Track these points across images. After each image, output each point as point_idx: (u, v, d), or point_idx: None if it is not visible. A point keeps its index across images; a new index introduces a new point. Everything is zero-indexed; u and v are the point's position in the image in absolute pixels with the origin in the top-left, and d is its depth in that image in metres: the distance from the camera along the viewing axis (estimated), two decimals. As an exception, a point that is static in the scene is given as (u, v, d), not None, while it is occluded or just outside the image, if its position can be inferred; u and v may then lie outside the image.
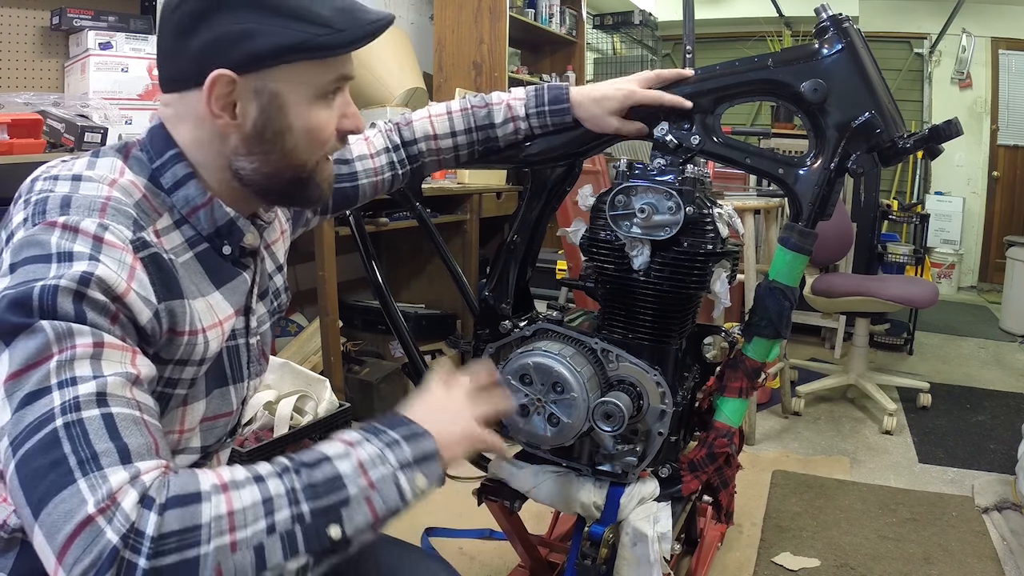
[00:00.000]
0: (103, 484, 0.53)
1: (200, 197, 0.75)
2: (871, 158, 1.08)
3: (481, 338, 1.27)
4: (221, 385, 0.81)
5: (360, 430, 0.70)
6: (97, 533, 0.51)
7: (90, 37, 2.15)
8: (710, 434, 1.21)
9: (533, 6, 3.95)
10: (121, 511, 0.52)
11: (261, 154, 0.74)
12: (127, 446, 0.55)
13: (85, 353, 0.58)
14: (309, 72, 0.73)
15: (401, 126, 1.15)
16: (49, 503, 0.52)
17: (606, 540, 1.12)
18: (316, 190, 0.80)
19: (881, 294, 2.79)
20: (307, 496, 0.60)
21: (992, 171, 5.97)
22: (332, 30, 0.71)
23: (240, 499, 0.57)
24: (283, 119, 0.73)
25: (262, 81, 0.71)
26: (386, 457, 0.66)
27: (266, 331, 0.92)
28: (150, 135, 0.76)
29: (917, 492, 2.30)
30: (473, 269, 3.01)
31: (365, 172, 1.10)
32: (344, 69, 0.76)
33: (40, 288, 0.58)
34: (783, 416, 2.95)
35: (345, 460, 0.64)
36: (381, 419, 0.73)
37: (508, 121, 1.15)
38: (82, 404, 0.55)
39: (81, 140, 1.82)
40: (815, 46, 1.09)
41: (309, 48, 0.71)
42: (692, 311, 1.21)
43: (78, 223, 0.63)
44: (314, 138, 0.76)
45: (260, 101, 0.72)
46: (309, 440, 1.88)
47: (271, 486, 0.59)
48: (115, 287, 0.61)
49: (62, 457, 0.53)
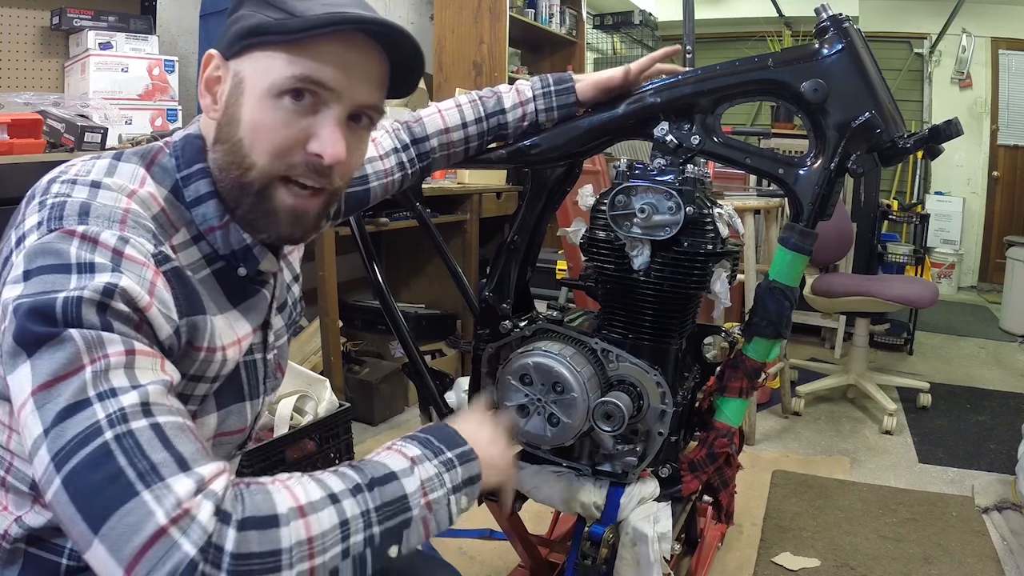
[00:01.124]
0: (169, 494, 0.52)
1: (217, 219, 0.73)
2: (871, 158, 1.08)
3: (481, 338, 1.27)
4: (238, 401, 0.79)
5: (418, 444, 0.70)
6: (171, 545, 0.50)
7: (90, 37, 2.15)
8: (710, 434, 1.21)
9: (533, 6, 3.95)
10: (198, 523, 0.51)
11: (221, 143, 0.72)
12: (182, 454, 0.54)
13: (119, 362, 0.56)
14: (268, 61, 0.69)
15: (410, 124, 1.14)
16: (112, 516, 0.51)
17: (606, 540, 1.12)
18: (271, 219, 0.72)
19: (881, 294, 2.78)
20: (379, 518, 0.61)
21: (992, 171, 5.97)
22: (288, 16, 0.68)
23: (319, 523, 0.57)
24: (239, 107, 0.70)
25: (238, 65, 0.71)
26: (443, 479, 0.68)
27: (283, 344, 0.91)
28: (184, 142, 0.74)
29: (917, 492, 2.30)
30: (473, 269, 3.01)
31: (376, 174, 1.09)
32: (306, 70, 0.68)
33: (64, 299, 0.56)
34: (783, 416, 2.95)
35: (410, 478, 0.65)
36: (435, 431, 0.73)
37: (517, 106, 1.16)
38: (129, 415, 0.54)
39: (81, 140, 1.82)
40: (815, 46, 1.09)
41: (262, 32, 0.69)
42: (692, 311, 1.21)
43: (98, 235, 0.61)
44: (258, 137, 0.69)
45: (232, 84, 0.71)
46: (310, 440, 1.89)
47: (347, 507, 0.59)
48: (138, 300, 0.60)
49: (119, 470, 0.52)
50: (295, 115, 0.69)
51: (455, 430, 0.74)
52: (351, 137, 0.73)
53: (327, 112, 0.70)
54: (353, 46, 0.71)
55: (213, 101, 0.73)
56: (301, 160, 0.71)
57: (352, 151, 0.74)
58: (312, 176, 0.72)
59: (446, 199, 2.99)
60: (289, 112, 0.69)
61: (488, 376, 1.26)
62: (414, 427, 2.54)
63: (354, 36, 0.70)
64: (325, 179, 0.73)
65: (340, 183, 0.75)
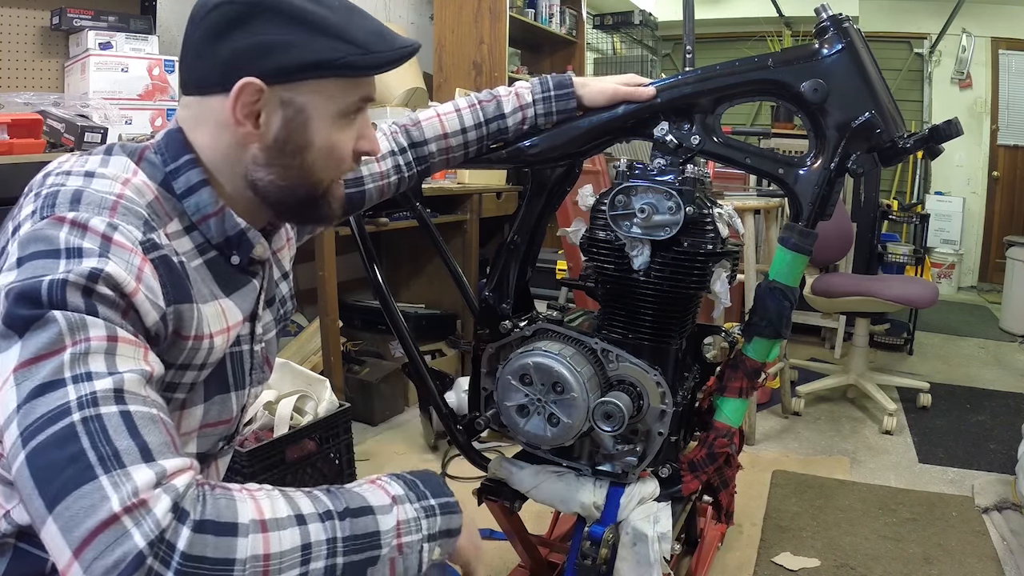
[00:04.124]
0: (127, 482, 0.52)
1: (212, 205, 0.74)
2: (871, 158, 1.08)
3: (481, 338, 1.27)
4: (222, 391, 0.80)
5: (403, 484, 0.70)
6: (122, 533, 0.50)
7: (90, 37, 2.15)
8: (710, 434, 1.21)
9: (533, 6, 3.95)
10: (152, 516, 0.51)
11: (279, 167, 0.74)
12: (147, 444, 0.54)
13: (100, 347, 0.57)
14: (336, 90, 0.73)
15: (408, 127, 1.13)
16: (67, 497, 0.51)
17: (606, 540, 1.12)
18: (327, 209, 0.81)
19: (881, 294, 2.78)
20: (345, 550, 0.59)
21: (992, 171, 5.97)
22: (364, 51, 0.72)
23: (279, 542, 0.56)
24: (305, 134, 0.74)
25: (290, 93, 0.72)
26: (420, 525, 0.67)
27: (271, 339, 0.91)
28: (166, 138, 0.75)
29: (917, 492, 2.30)
30: (473, 269, 3.01)
31: (371, 177, 1.09)
32: (368, 91, 0.77)
33: (49, 282, 0.57)
34: (783, 416, 2.95)
35: (388, 516, 0.64)
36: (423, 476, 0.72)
37: (517, 110, 1.16)
38: (100, 400, 0.55)
39: (81, 140, 1.82)
40: (815, 46, 1.09)
41: (340, 66, 0.72)
42: (692, 311, 1.21)
43: (87, 220, 0.62)
44: (332, 156, 0.76)
45: (285, 113, 0.72)
46: (310, 440, 1.89)
47: (312, 531, 0.58)
48: (124, 285, 0.60)
49: (80, 452, 0.52)
50: (354, 127, 0.79)
51: (442, 481, 0.73)
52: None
53: (363, 115, 0.80)
54: None
55: (255, 127, 0.73)
56: (351, 160, 0.80)
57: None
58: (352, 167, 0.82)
59: (446, 199, 2.99)
60: (352, 127, 0.78)
61: (488, 376, 1.26)
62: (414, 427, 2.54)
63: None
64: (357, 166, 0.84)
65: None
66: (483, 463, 1.34)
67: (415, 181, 1.17)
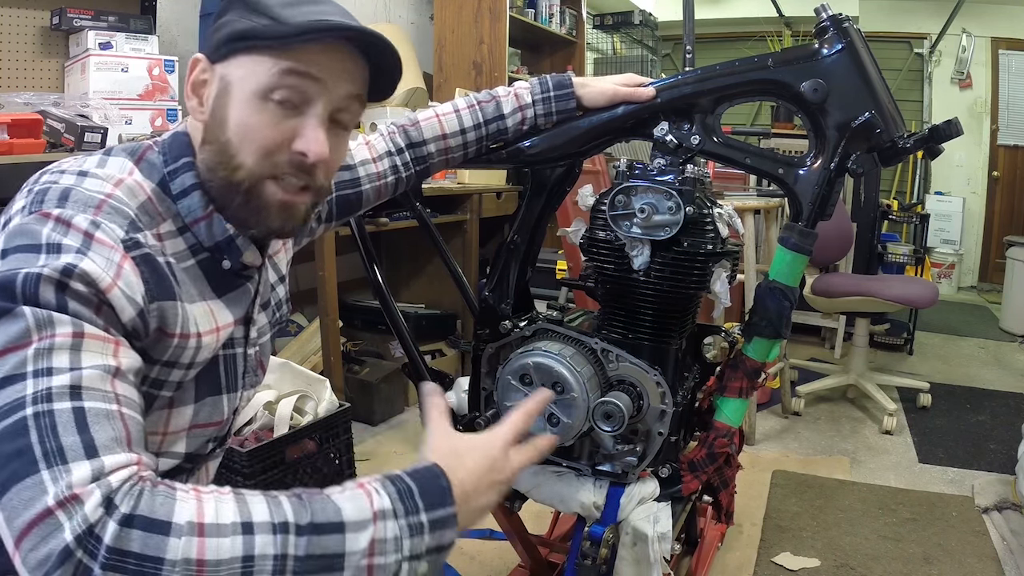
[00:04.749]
0: (65, 477, 0.52)
1: (201, 209, 0.75)
2: (871, 158, 1.08)
3: (481, 338, 1.27)
4: (214, 393, 0.80)
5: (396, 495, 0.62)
6: (55, 527, 0.51)
7: (90, 37, 2.15)
8: (710, 434, 1.21)
9: (533, 6, 3.95)
10: (82, 511, 0.51)
11: (209, 144, 0.74)
12: (93, 440, 0.55)
13: (64, 343, 0.58)
14: (253, 64, 0.72)
15: (407, 128, 1.13)
16: (11, 488, 0.52)
17: (606, 540, 1.12)
18: (261, 214, 0.74)
19: (881, 294, 2.78)
20: (296, 568, 0.55)
21: (992, 171, 5.97)
22: (275, 22, 0.71)
23: (217, 550, 0.53)
24: (226, 108, 0.73)
25: (224, 69, 0.74)
26: (401, 545, 0.60)
27: (265, 342, 0.91)
28: (172, 139, 0.77)
29: (917, 492, 2.30)
30: (473, 269, 3.01)
31: (368, 177, 1.08)
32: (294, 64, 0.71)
33: (24, 275, 0.58)
34: (783, 416, 2.95)
35: (361, 535, 0.58)
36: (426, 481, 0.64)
37: (516, 111, 1.15)
38: (54, 395, 0.55)
39: (81, 140, 1.82)
40: (815, 46, 1.09)
41: (250, 36, 0.71)
42: (692, 311, 1.21)
43: (71, 217, 0.63)
44: (246, 138, 0.72)
45: (219, 88, 0.74)
46: (310, 440, 1.89)
47: (258, 543, 0.54)
48: (98, 281, 0.61)
49: (28, 446, 0.53)
50: (281, 116, 0.72)
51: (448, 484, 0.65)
52: (333, 138, 0.76)
53: (311, 112, 0.73)
54: (335, 50, 0.74)
55: (199, 104, 0.75)
56: (287, 159, 0.73)
57: (333, 151, 0.77)
58: (297, 174, 0.75)
59: (446, 199, 2.99)
60: (275, 113, 0.72)
61: (488, 376, 1.26)
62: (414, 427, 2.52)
63: (336, 42, 0.74)
64: (309, 176, 0.75)
65: (324, 181, 0.78)
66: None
67: (414, 182, 1.17)
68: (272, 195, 0.74)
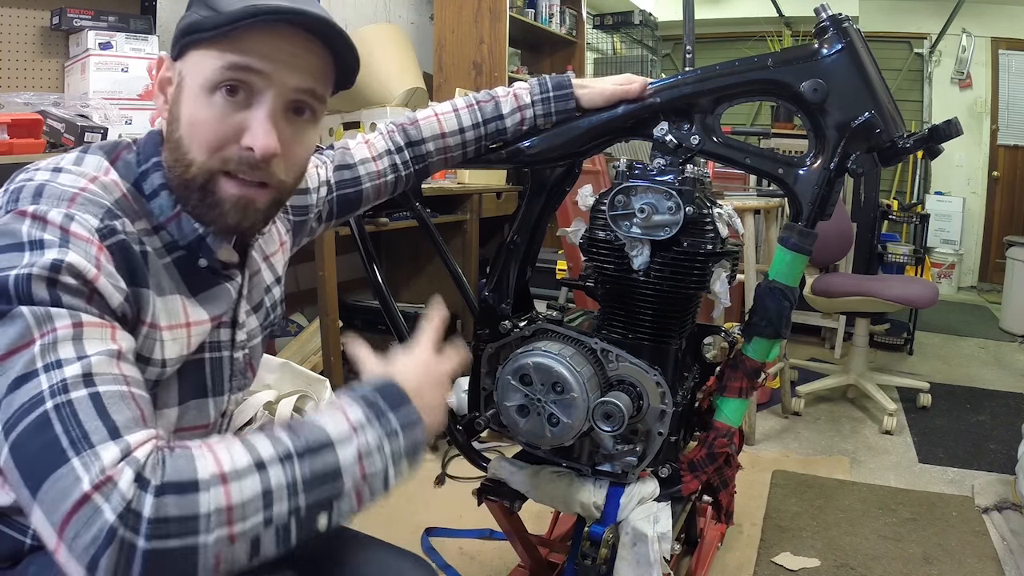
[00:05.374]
0: (96, 461, 0.54)
1: (170, 209, 0.75)
2: (871, 158, 1.08)
3: (481, 338, 1.27)
4: (199, 396, 0.80)
5: (364, 405, 0.67)
6: (95, 510, 0.52)
7: (90, 37, 2.15)
8: (710, 434, 1.21)
9: (533, 6, 3.95)
10: (118, 490, 0.53)
11: (168, 141, 0.74)
12: (115, 422, 0.56)
13: (66, 335, 0.59)
14: (200, 58, 0.72)
15: (406, 127, 1.13)
16: (46, 482, 0.53)
17: (606, 540, 1.12)
18: (216, 210, 0.73)
19: (881, 294, 2.78)
20: (306, 488, 0.60)
21: (992, 171, 5.97)
22: (213, 12, 0.70)
23: (240, 491, 0.57)
24: (179, 104, 0.73)
25: (181, 65, 0.74)
26: (383, 449, 0.66)
27: (255, 345, 0.91)
28: (146, 138, 0.77)
29: (917, 492, 2.30)
30: (473, 269, 3.01)
31: (368, 175, 1.09)
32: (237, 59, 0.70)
33: (15, 276, 0.59)
34: (783, 416, 2.95)
35: (348, 447, 0.63)
36: (382, 389, 0.69)
37: (515, 111, 1.16)
38: (70, 385, 0.57)
39: (81, 140, 1.82)
40: (815, 46, 1.09)
41: (193, 30, 0.71)
42: (692, 311, 1.21)
43: (46, 213, 0.64)
44: (195, 134, 0.71)
45: (176, 83, 0.74)
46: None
47: (272, 476, 0.59)
48: (85, 272, 0.62)
49: (54, 438, 0.54)
50: (228, 110, 0.71)
51: (402, 389, 0.70)
52: (291, 130, 0.74)
53: (260, 105, 0.71)
54: (281, 36, 0.71)
55: (164, 102, 0.76)
56: (235, 154, 0.72)
57: (292, 143, 0.75)
58: (248, 170, 0.72)
59: (446, 199, 2.99)
60: (222, 107, 0.71)
61: (488, 376, 1.26)
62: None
63: (281, 27, 0.71)
64: (262, 172, 0.73)
65: (284, 177, 0.76)
66: (483, 463, 1.34)
67: (413, 181, 1.17)
68: (226, 191, 0.73)
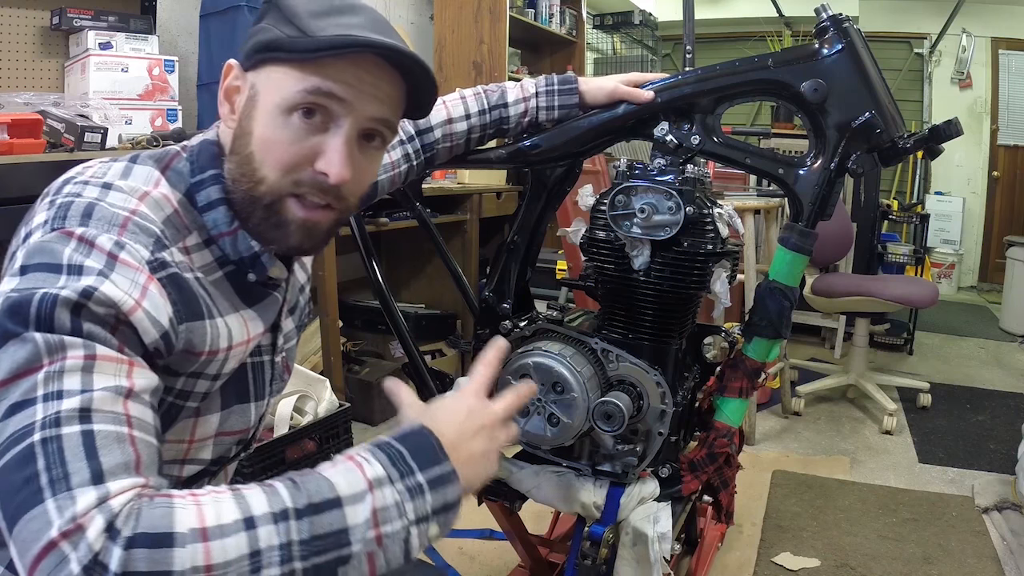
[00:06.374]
0: (70, 506, 0.51)
1: (227, 225, 0.73)
2: (871, 158, 1.08)
3: (481, 338, 1.27)
4: (242, 401, 0.79)
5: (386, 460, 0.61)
6: (61, 559, 0.49)
7: (90, 37, 2.15)
8: (710, 434, 1.21)
9: (533, 6, 3.95)
10: (85, 540, 0.50)
11: (235, 154, 0.72)
12: (101, 465, 0.53)
13: (75, 365, 0.56)
14: (281, 77, 0.69)
15: None
16: (20, 520, 0.51)
17: (606, 540, 1.12)
18: (281, 231, 0.72)
19: (881, 294, 2.78)
20: (303, 553, 0.54)
21: (992, 171, 5.97)
22: (301, 35, 0.68)
23: (223, 551, 0.51)
24: (252, 120, 0.71)
25: (255, 78, 0.72)
26: (404, 510, 0.59)
27: (292, 347, 0.91)
28: (200, 147, 0.75)
29: (917, 492, 2.30)
30: (473, 269, 3.01)
31: (383, 167, 1.09)
32: (319, 84, 0.69)
33: (41, 295, 0.57)
34: (783, 416, 2.95)
35: (360, 506, 0.57)
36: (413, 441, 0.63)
37: (520, 101, 1.17)
38: (63, 419, 0.53)
39: (81, 140, 1.82)
40: (815, 46, 1.09)
41: (275, 47, 0.69)
42: (692, 311, 1.21)
43: (95, 237, 0.61)
44: (268, 152, 0.70)
45: (248, 96, 0.72)
46: (310, 440, 1.88)
47: (262, 536, 0.53)
48: (120, 303, 0.59)
49: (35, 474, 0.51)
50: (304, 132, 0.70)
51: (436, 440, 0.63)
52: (361, 156, 0.73)
53: (336, 130, 0.70)
54: (363, 66, 0.71)
55: (231, 111, 0.74)
56: (309, 177, 0.71)
57: (362, 170, 0.74)
58: (319, 193, 0.72)
59: (446, 199, 2.99)
60: (298, 129, 0.70)
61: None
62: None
63: (364, 57, 0.70)
64: (332, 196, 0.72)
65: (351, 200, 0.75)
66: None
67: (422, 170, 1.18)
68: (293, 213, 0.72)
